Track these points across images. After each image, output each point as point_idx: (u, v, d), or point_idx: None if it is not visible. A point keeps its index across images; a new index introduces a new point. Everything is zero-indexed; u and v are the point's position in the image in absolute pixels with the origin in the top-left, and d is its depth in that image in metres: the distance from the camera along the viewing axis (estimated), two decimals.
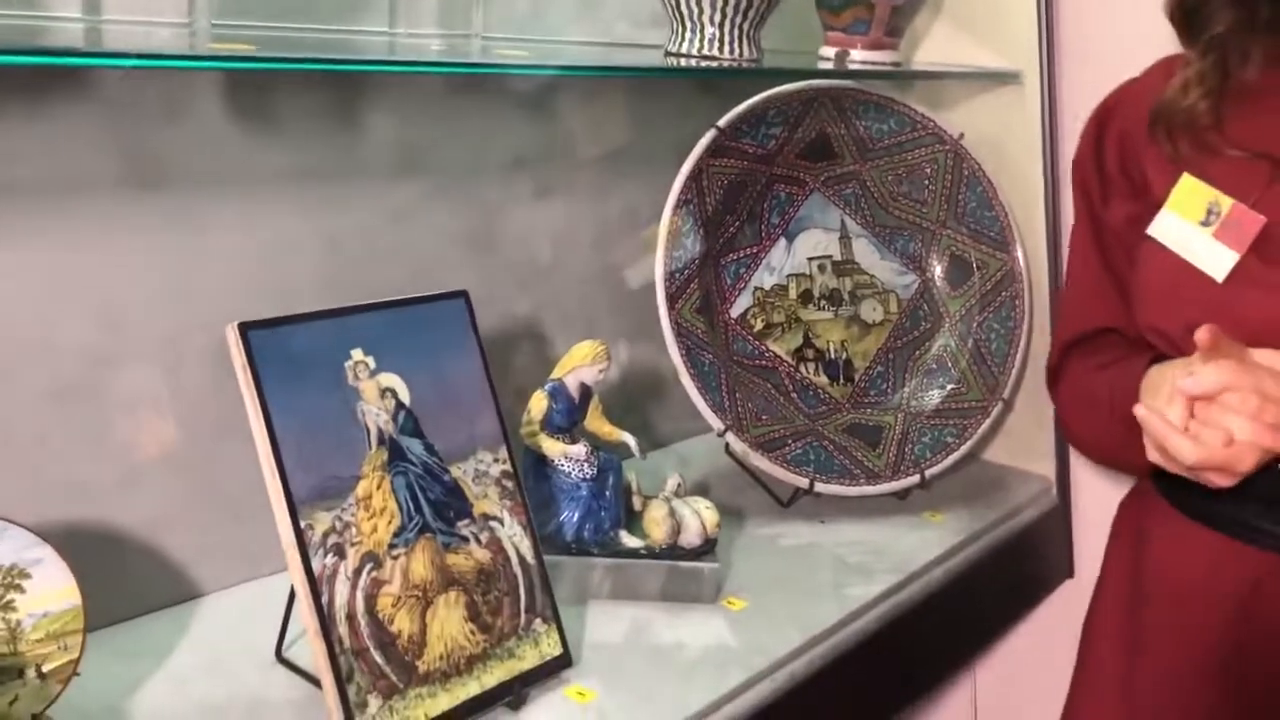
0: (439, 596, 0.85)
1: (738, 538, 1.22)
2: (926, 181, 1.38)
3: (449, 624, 0.85)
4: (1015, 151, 1.40)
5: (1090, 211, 1.03)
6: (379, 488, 0.84)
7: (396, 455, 0.86)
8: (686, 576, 1.06)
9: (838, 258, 1.38)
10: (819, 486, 1.24)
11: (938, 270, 1.40)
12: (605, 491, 1.07)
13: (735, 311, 1.32)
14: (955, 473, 1.37)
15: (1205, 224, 0.89)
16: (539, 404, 1.05)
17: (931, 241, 1.39)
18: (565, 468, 1.06)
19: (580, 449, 1.05)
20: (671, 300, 1.21)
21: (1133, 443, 0.86)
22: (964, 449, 1.31)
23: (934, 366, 1.38)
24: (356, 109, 1.07)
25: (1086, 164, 1.03)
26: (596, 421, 1.09)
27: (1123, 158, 0.99)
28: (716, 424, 1.21)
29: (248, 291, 0.98)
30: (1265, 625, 0.90)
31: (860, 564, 1.18)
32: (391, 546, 0.84)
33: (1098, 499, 1.43)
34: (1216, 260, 0.88)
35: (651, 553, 1.06)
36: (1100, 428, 0.99)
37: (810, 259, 1.36)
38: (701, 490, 1.30)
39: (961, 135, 1.36)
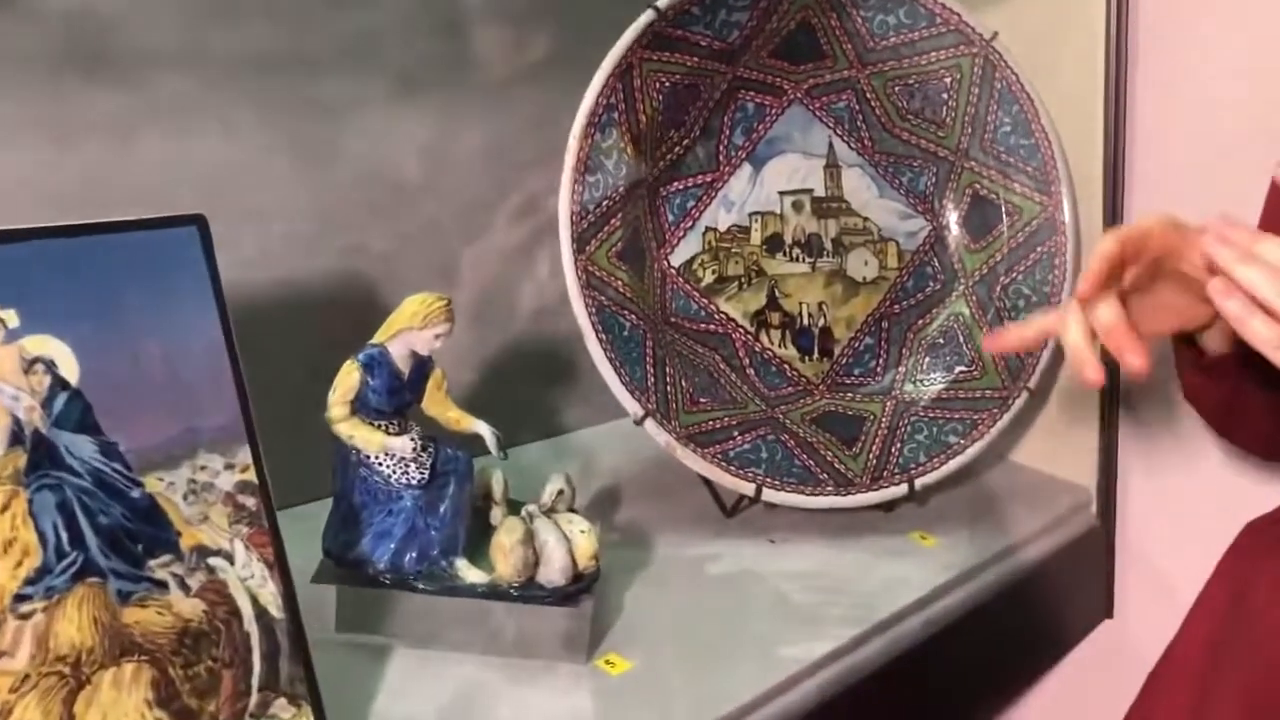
0: (103, 673, 0.57)
1: (652, 561, 0.92)
2: (945, 96, 1.04)
3: (119, 713, 0.57)
4: (1066, 60, 1.05)
5: None
6: (5, 510, 0.56)
7: (44, 460, 0.57)
8: (541, 626, 0.76)
9: (820, 193, 1.05)
10: (769, 494, 0.93)
11: (954, 215, 1.06)
12: (440, 504, 0.77)
13: (677, 259, 1.00)
14: (958, 483, 1.05)
15: None
16: (348, 378, 0.75)
17: (948, 176, 1.06)
18: (384, 467, 0.76)
19: (404, 442, 0.76)
20: (580, 242, 0.91)
21: None
22: (971, 452, 0.99)
23: (940, 341, 1.06)
24: None
25: None
26: (438, 405, 0.79)
27: None
28: (632, 408, 0.91)
29: None
30: None
31: (809, 607, 0.87)
32: (20, 600, 0.55)
33: (1149, 516, 1.10)
34: None
35: (495, 592, 0.76)
36: None
37: (783, 193, 1.04)
38: (610, 496, 1.00)
39: (995, 35, 1.02)
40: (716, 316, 1.01)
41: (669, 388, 0.94)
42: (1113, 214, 1.04)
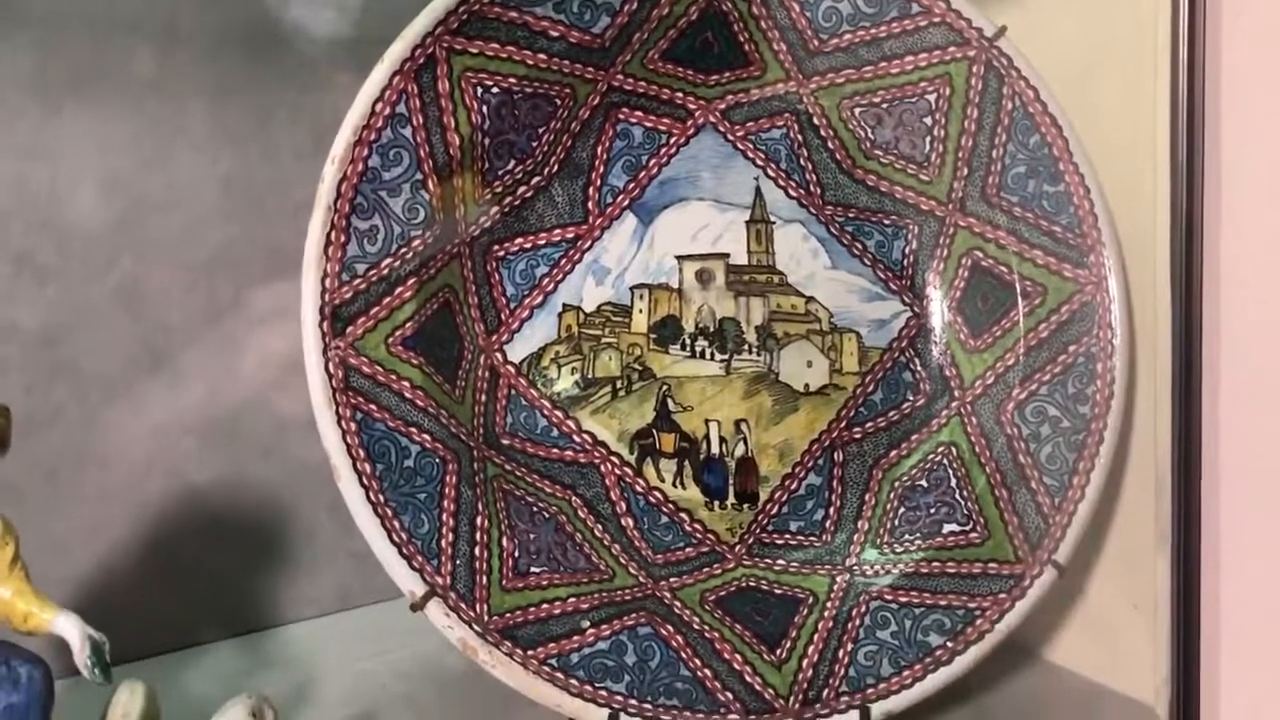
0: None
1: None
2: (930, 121, 0.71)
3: None
4: (1110, 70, 0.71)
5: None
6: None
7: None
8: None
9: (740, 259, 0.71)
10: None
11: (944, 296, 0.72)
12: None
13: (517, 351, 0.67)
14: (947, 694, 0.69)
15: None
16: None
17: (936, 239, 0.72)
18: None
19: None
20: (337, 320, 0.58)
21: None
22: (964, 662, 0.63)
23: (923, 485, 0.70)
24: None
25: None
26: None
27: None
28: (408, 582, 0.57)
29: None
30: None
31: None
32: None
33: None
34: None
35: None
36: None
37: (683, 259, 0.70)
38: (369, 715, 0.66)
39: (1002, 31, 0.69)
40: (576, 439, 0.67)
41: (478, 550, 0.60)
42: (1185, 294, 0.68)
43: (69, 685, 0.64)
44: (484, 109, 0.63)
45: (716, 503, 0.69)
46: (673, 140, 0.70)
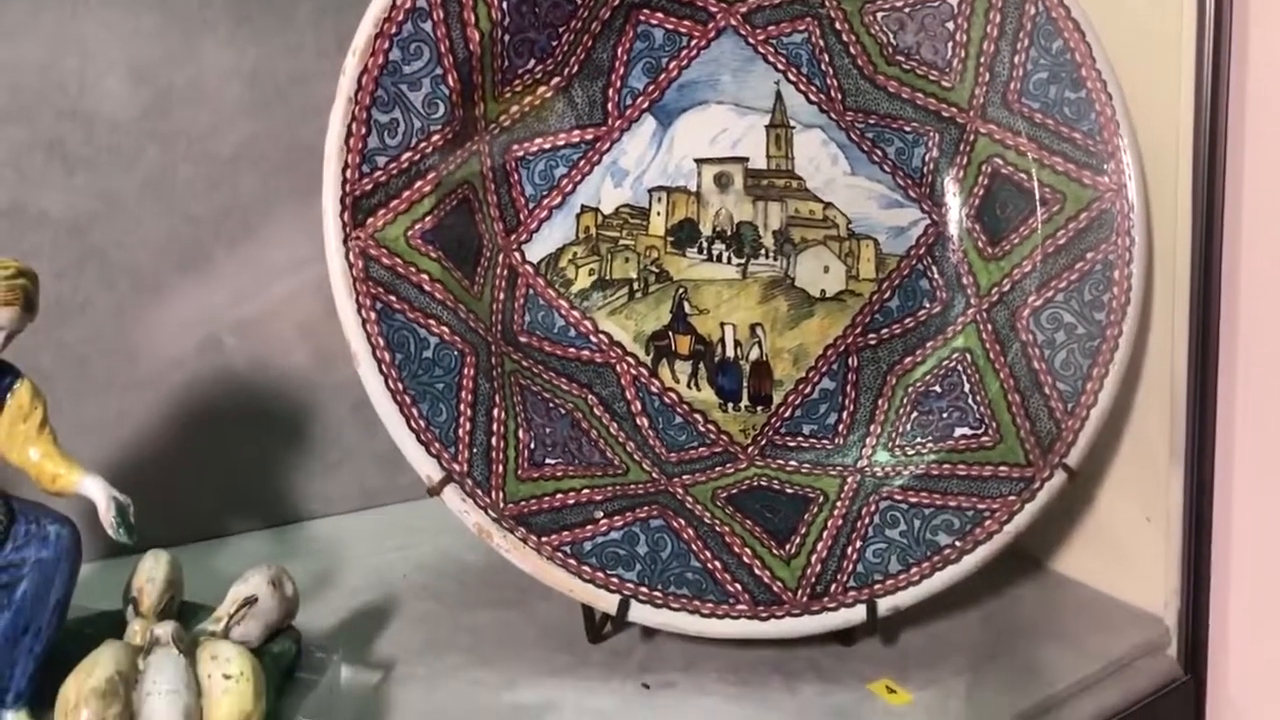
0: None
1: (439, 716, 0.58)
2: (952, 26, 0.70)
3: None
4: None
5: None
6: None
7: None
8: None
9: (759, 164, 0.71)
10: (642, 612, 0.60)
11: (963, 203, 0.72)
12: None
13: (536, 251, 0.68)
14: (952, 606, 0.70)
15: None
16: None
17: (956, 146, 0.72)
18: None
19: None
20: (357, 211, 0.59)
21: None
22: (971, 561, 0.64)
23: (936, 390, 0.71)
24: None
25: None
26: (24, 446, 0.48)
27: None
28: (425, 466, 0.58)
29: None
30: None
31: None
32: None
33: (1262, 664, 0.73)
34: None
35: None
36: None
37: (702, 162, 0.71)
38: (389, 601, 0.68)
39: None
40: (593, 339, 0.68)
41: (494, 440, 0.61)
42: (1207, 202, 0.68)
43: (98, 567, 0.66)
44: (504, 5, 0.64)
45: (730, 405, 0.70)
46: (693, 43, 0.70)
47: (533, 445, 0.63)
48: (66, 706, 0.43)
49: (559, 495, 0.62)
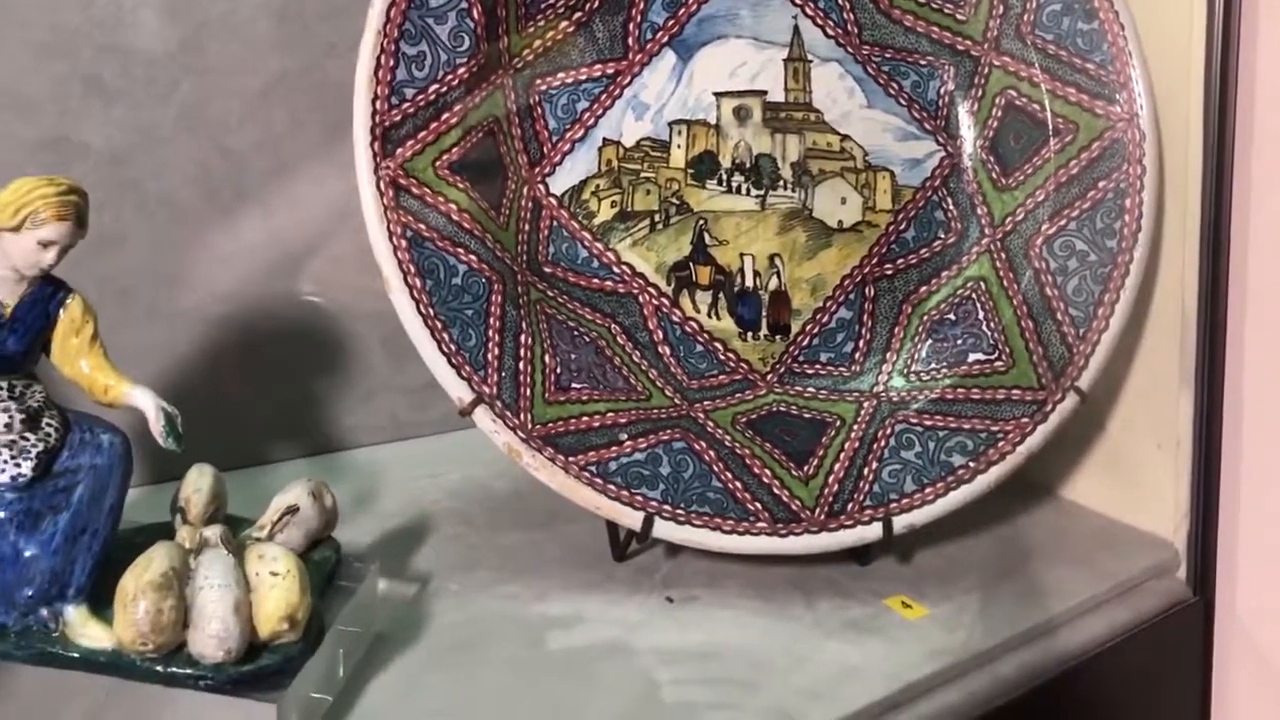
0: None
1: (465, 625, 0.61)
2: None
3: None
4: None
5: None
6: None
7: None
8: None
9: (778, 97, 0.73)
10: (666, 529, 0.62)
11: (978, 134, 0.74)
12: (47, 516, 0.48)
13: (559, 183, 0.70)
14: (965, 527, 0.72)
15: None
16: None
17: (971, 78, 0.73)
18: None
19: None
20: (387, 142, 0.61)
21: None
22: (984, 481, 0.66)
23: (951, 318, 0.72)
24: None
25: None
26: (77, 359, 0.50)
27: None
28: (456, 389, 0.60)
29: None
30: None
31: (687, 709, 0.55)
32: None
33: (1268, 584, 0.75)
34: None
35: (117, 663, 0.46)
36: None
37: (721, 95, 0.72)
38: (429, 524, 0.70)
39: None
40: (616, 269, 0.70)
41: (522, 365, 0.63)
42: (1219, 132, 0.69)
43: (146, 491, 0.69)
44: None
45: (749, 334, 0.72)
46: None
47: (559, 370, 0.65)
48: (125, 598, 0.45)
49: (584, 418, 0.64)
